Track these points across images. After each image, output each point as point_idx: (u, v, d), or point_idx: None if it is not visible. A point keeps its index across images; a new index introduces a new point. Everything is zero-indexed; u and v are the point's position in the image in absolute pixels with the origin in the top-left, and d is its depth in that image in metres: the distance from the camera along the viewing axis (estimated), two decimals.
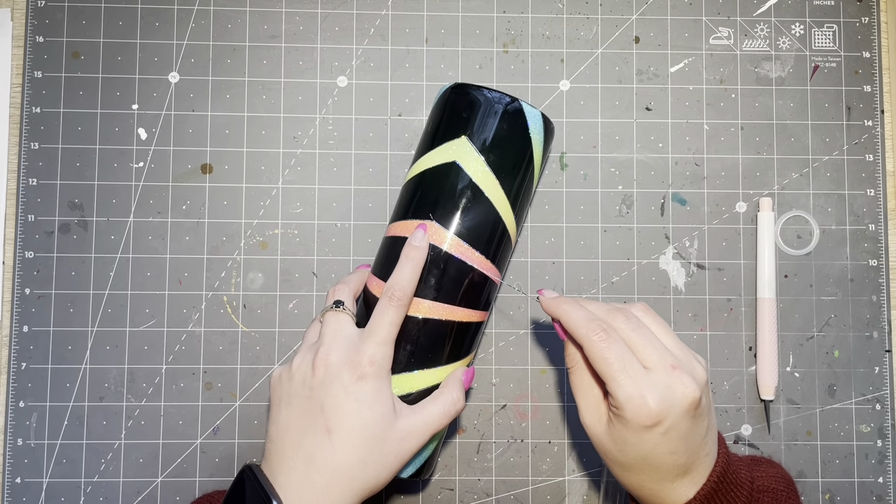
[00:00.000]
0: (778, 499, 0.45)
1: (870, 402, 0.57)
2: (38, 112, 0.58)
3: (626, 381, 0.41)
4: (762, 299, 0.57)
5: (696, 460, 0.43)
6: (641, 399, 0.41)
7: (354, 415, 0.43)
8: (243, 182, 0.58)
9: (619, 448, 0.43)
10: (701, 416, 0.43)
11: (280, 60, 0.59)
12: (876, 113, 0.59)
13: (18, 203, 0.57)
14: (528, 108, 0.50)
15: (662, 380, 0.41)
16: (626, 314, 0.44)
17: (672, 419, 0.41)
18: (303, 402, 0.44)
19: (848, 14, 0.60)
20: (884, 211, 0.59)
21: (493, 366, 0.57)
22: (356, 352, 0.44)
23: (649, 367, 0.42)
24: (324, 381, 0.44)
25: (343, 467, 0.43)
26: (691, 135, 0.59)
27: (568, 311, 0.45)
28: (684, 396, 0.41)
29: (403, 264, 0.47)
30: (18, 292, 0.57)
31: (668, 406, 0.41)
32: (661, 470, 0.42)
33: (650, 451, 0.42)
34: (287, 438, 0.44)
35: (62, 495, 0.55)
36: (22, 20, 0.59)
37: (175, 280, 0.57)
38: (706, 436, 0.43)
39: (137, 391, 0.56)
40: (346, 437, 0.43)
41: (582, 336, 0.43)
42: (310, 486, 0.43)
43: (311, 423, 0.44)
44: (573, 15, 0.60)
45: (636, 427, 0.41)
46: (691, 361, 0.44)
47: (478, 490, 0.57)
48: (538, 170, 0.51)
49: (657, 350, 0.43)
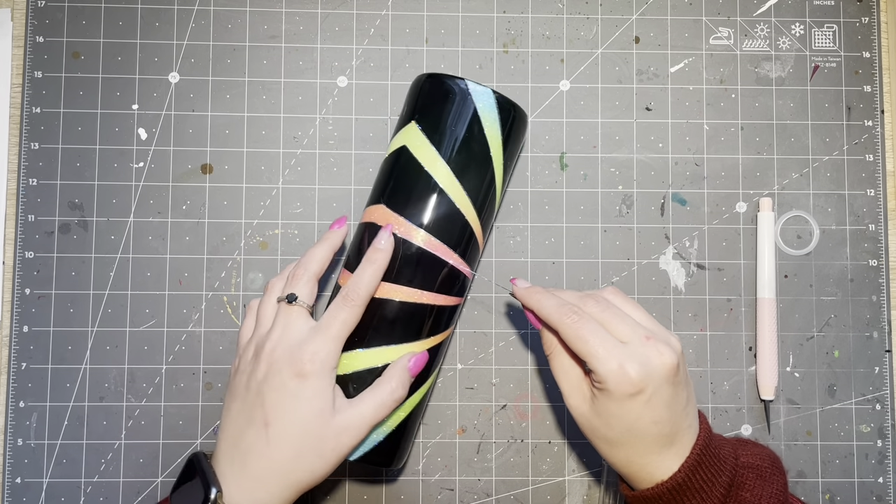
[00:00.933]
0: (762, 475, 0.46)
1: (870, 402, 0.57)
2: (38, 112, 0.58)
3: (605, 354, 0.43)
4: (762, 299, 0.57)
5: (679, 430, 0.44)
6: (622, 369, 0.42)
7: (292, 411, 0.44)
8: (243, 182, 0.58)
9: (605, 422, 0.44)
10: (680, 384, 0.44)
11: (280, 60, 0.59)
12: (876, 113, 0.59)
13: (18, 203, 0.57)
14: (474, 86, 0.50)
15: (639, 350, 0.43)
16: (596, 298, 0.46)
17: (653, 386, 0.43)
18: (248, 395, 0.46)
19: (848, 14, 0.60)
20: (884, 211, 0.59)
21: (493, 366, 0.57)
22: (300, 348, 0.45)
23: (624, 341, 0.44)
24: (267, 375, 0.45)
25: (278, 460, 0.44)
26: (691, 135, 0.59)
27: (540, 300, 0.47)
28: (662, 363, 0.43)
29: (365, 266, 0.48)
30: (18, 292, 0.57)
31: (647, 374, 0.42)
32: (646, 441, 0.44)
33: (635, 421, 0.43)
34: (232, 429, 0.46)
35: (62, 495, 0.56)
36: (22, 20, 0.59)
37: (175, 280, 0.57)
38: (686, 406, 0.45)
39: (137, 391, 0.57)
40: (283, 432, 0.44)
41: (556, 321, 0.45)
42: (247, 477, 0.44)
43: (251, 416, 0.45)
44: (573, 15, 0.60)
45: (620, 397, 0.43)
46: (665, 333, 0.45)
47: (478, 490, 0.57)
48: (497, 150, 0.51)
49: (630, 325, 0.44)
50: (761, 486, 0.45)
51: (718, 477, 0.44)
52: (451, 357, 0.57)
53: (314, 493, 0.56)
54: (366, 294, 0.47)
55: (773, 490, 0.45)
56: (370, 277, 0.47)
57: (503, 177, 0.52)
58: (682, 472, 0.44)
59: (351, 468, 0.56)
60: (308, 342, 0.45)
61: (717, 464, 0.45)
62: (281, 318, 0.47)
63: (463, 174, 0.50)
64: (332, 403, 0.45)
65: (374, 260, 0.48)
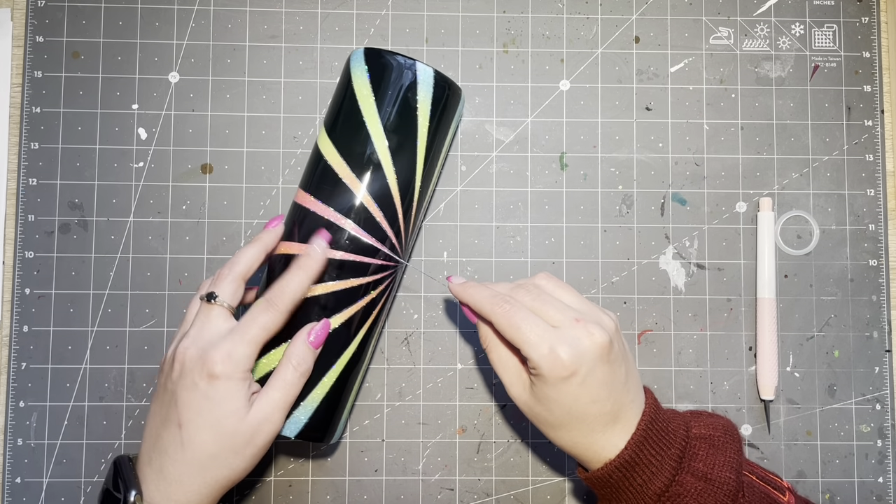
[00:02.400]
0: (715, 445, 0.46)
1: (870, 402, 0.57)
2: (38, 112, 0.58)
3: (536, 339, 0.43)
4: (762, 299, 0.57)
5: (621, 407, 0.45)
6: (553, 353, 0.43)
7: (203, 411, 0.44)
8: (243, 182, 0.58)
9: (546, 408, 0.45)
10: (616, 362, 0.44)
11: (280, 60, 0.59)
12: (876, 113, 0.59)
13: (18, 203, 0.57)
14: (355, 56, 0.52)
15: (569, 333, 0.44)
16: (527, 287, 0.47)
17: (586, 367, 0.43)
18: (164, 394, 0.46)
19: (848, 14, 0.60)
20: (884, 211, 0.59)
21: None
22: (213, 349, 0.45)
23: (555, 326, 0.44)
24: (181, 374, 0.45)
25: (192, 460, 0.44)
26: (691, 135, 0.59)
27: (473, 294, 0.47)
28: (593, 343, 0.43)
29: (294, 272, 0.48)
30: (18, 292, 0.57)
31: (578, 355, 0.43)
32: (587, 421, 0.44)
33: (573, 403, 0.44)
34: (151, 430, 0.46)
35: (62, 495, 0.55)
36: (22, 20, 0.59)
37: (175, 280, 0.57)
38: (626, 382, 0.45)
39: (137, 391, 0.56)
40: (195, 433, 0.44)
41: (488, 311, 0.46)
42: (165, 479, 0.44)
43: (167, 416, 0.45)
44: (573, 15, 0.60)
45: (555, 381, 0.43)
46: (596, 313, 0.46)
47: (478, 490, 0.57)
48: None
49: (559, 309, 0.45)
50: (714, 455, 0.45)
51: (668, 449, 0.44)
52: (450, 357, 0.57)
53: (315, 494, 0.56)
54: (290, 301, 0.47)
55: (727, 458, 0.45)
56: (297, 285, 0.47)
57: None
58: (629, 448, 0.44)
59: (351, 468, 0.56)
60: (222, 343, 0.45)
61: (665, 437, 0.45)
62: (200, 317, 0.47)
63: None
64: (246, 403, 0.45)
65: (305, 267, 0.48)
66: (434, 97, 0.52)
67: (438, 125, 0.52)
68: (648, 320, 0.58)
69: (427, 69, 0.51)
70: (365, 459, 0.57)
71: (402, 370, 0.57)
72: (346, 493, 0.56)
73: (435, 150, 0.52)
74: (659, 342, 0.58)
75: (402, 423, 0.57)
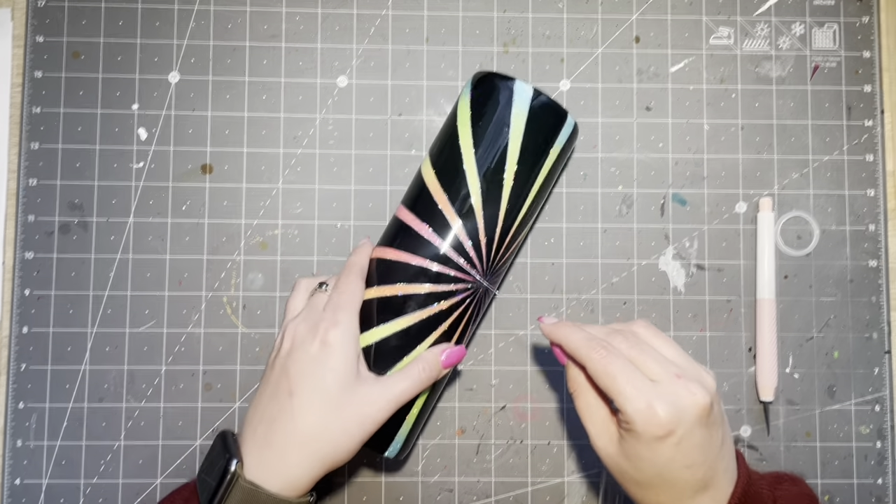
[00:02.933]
0: None
1: (869, 403, 0.57)
2: (38, 112, 0.58)
3: (633, 392, 0.41)
4: (762, 300, 0.57)
5: (714, 475, 0.42)
6: (650, 409, 0.40)
7: (315, 378, 0.45)
8: (243, 182, 0.58)
9: (634, 465, 0.42)
10: (714, 425, 0.42)
11: (280, 60, 0.59)
12: (876, 113, 0.59)
13: (18, 203, 0.57)
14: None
15: (669, 388, 0.41)
16: (625, 333, 0.44)
17: (684, 428, 0.41)
18: (275, 370, 0.46)
19: (848, 14, 0.60)
20: (884, 211, 0.59)
21: (493, 367, 0.57)
22: (322, 321, 0.46)
23: (654, 380, 0.42)
24: (292, 348, 0.46)
25: (301, 429, 0.44)
26: (691, 135, 0.59)
27: (567, 334, 0.45)
28: (694, 403, 0.41)
29: (356, 251, 0.51)
30: (18, 293, 0.57)
31: (677, 414, 0.40)
32: (678, 486, 0.42)
33: (666, 465, 0.41)
34: (259, 404, 0.46)
35: (62, 496, 0.56)
36: (22, 20, 0.59)
37: (175, 281, 0.57)
38: (722, 448, 0.43)
39: (137, 392, 0.57)
40: (307, 399, 0.44)
41: (583, 356, 0.44)
42: (269, 448, 0.44)
43: (277, 388, 0.45)
44: (573, 15, 0.60)
45: (648, 439, 0.41)
46: (697, 370, 0.43)
47: (477, 491, 0.57)
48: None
49: (659, 362, 0.43)
50: None
51: None
52: None
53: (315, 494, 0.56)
54: (360, 268, 0.49)
55: None
56: (360, 257, 0.51)
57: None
58: None
59: (350, 467, 0.56)
60: (326, 315, 0.47)
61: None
62: (309, 303, 0.49)
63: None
64: (357, 373, 0.46)
65: (359, 249, 0.51)
66: (529, 121, 0.50)
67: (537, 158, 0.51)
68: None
69: (525, 88, 0.50)
70: (364, 460, 0.57)
71: None
72: (345, 494, 0.56)
73: (527, 185, 0.51)
74: None
75: None
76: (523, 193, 0.51)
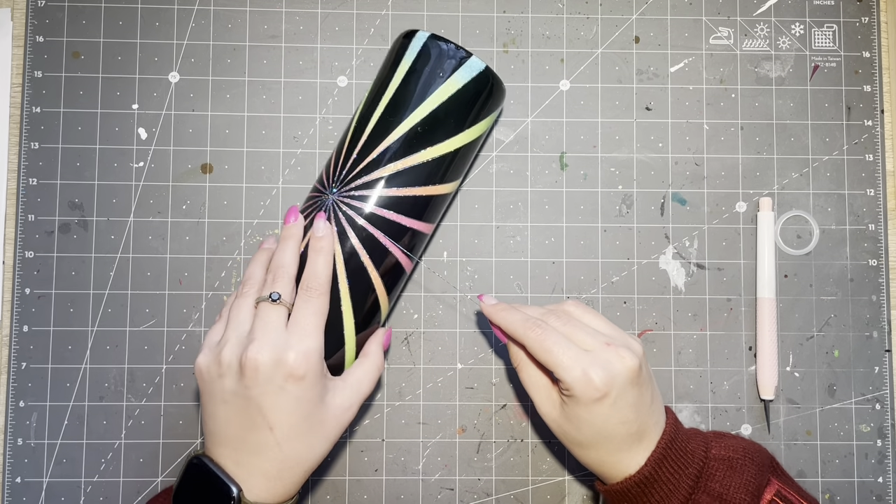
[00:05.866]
0: (733, 466, 0.47)
1: (869, 401, 0.57)
2: (38, 112, 0.58)
3: (569, 362, 0.45)
4: (762, 299, 0.57)
5: (646, 428, 0.47)
6: (586, 376, 0.44)
7: (293, 410, 0.45)
8: (243, 182, 0.58)
9: (575, 427, 0.47)
10: (644, 385, 0.46)
11: (280, 60, 0.59)
12: (876, 113, 0.59)
13: (18, 203, 0.57)
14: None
15: (601, 356, 0.45)
16: (557, 312, 0.49)
17: (617, 389, 0.45)
18: (239, 400, 0.45)
19: (848, 14, 0.60)
20: (884, 211, 0.59)
21: (493, 366, 0.57)
22: (289, 350, 0.44)
23: (587, 349, 0.46)
24: (257, 381, 0.44)
25: (291, 456, 0.45)
26: (691, 135, 0.59)
27: (506, 316, 0.49)
28: (624, 367, 0.45)
29: (315, 257, 0.48)
30: (18, 292, 0.57)
31: (610, 378, 0.45)
32: (615, 441, 0.46)
33: (603, 424, 0.45)
34: (230, 434, 0.45)
35: (62, 495, 0.56)
36: (22, 20, 0.59)
37: (175, 280, 0.57)
38: (652, 404, 0.47)
39: (137, 391, 0.57)
40: (289, 431, 0.45)
41: (521, 335, 0.47)
42: (263, 474, 0.45)
43: (251, 421, 0.45)
44: (573, 15, 0.60)
45: (587, 402, 0.45)
46: (625, 338, 0.48)
47: (478, 490, 0.57)
48: None
49: (590, 334, 0.47)
50: (731, 476, 0.46)
51: (685, 469, 0.46)
52: (451, 357, 0.57)
53: (315, 494, 0.56)
54: (325, 282, 0.48)
55: (744, 480, 0.46)
56: (324, 266, 0.48)
57: None
58: (648, 465, 0.46)
59: (351, 467, 0.56)
60: (293, 343, 0.45)
61: (683, 457, 0.47)
62: (261, 318, 0.46)
63: None
64: (326, 387, 0.46)
65: (321, 248, 0.48)
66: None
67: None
68: (648, 320, 0.58)
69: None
70: (365, 459, 0.57)
71: (402, 370, 0.57)
72: (345, 493, 0.56)
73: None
74: (659, 342, 0.58)
75: (402, 422, 0.57)
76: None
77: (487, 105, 0.52)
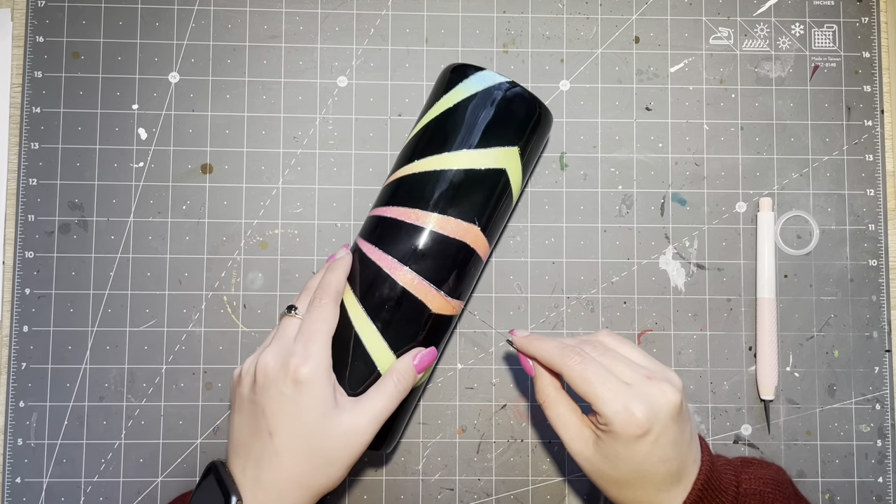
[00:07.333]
0: (764, 500, 0.46)
1: (869, 401, 0.57)
2: (38, 112, 0.58)
3: (610, 395, 0.43)
4: (762, 299, 0.57)
5: (685, 467, 0.44)
6: (627, 411, 0.42)
7: (293, 417, 0.44)
8: (243, 182, 0.58)
9: (612, 465, 0.44)
10: (685, 421, 0.45)
11: (280, 60, 0.59)
12: (876, 113, 0.59)
13: (18, 203, 0.57)
14: None
15: (642, 390, 0.43)
16: (593, 343, 0.47)
17: (660, 426, 0.43)
18: (249, 406, 0.46)
19: (848, 14, 0.60)
20: (884, 211, 0.59)
21: (493, 366, 0.57)
22: (292, 356, 0.45)
23: (627, 383, 0.44)
24: (263, 385, 0.45)
25: (288, 467, 0.44)
26: (691, 135, 0.59)
27: (541, 346, 0.47)
28: (667, 402, 0.43)
29: (330, 271, 0.49)
30: (18, 292, 0.57)
31: (653, 413, 0.43)
32: (655, 480, 0.44)
33: (643, 462, 0.43)
34: (240, 440, 0.46)
35: (62, 495, 0.56)
36: (22, 20, 0.59)
37: (175, 280, 0.57)
38: (691, 441, 0.45)
39: (137, 391, 0.57)
40: (288, 440, 0.44)
41: (559, 363, 0.45)
42: (262, 486, 0.44)
43: (257, 426, 0.45)
44: (573, 15, 0.60)
45: (627, 439, 0.43)
46: (664, 371, 0.46)
47: (478, 490, 0.57)
48: None
49: (629, 366, 0.45)
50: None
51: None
52: (451, 357, 0.57)
53: None
54: (336, 293, 0.48)
55: None
56: (336, 279, 0.49)
57: None
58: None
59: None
60: (297, 350, 0.45)
61: (718, 496, 0.45)
62: (278, 329, 0.48)
63: None
64: (334, 403, 0.45)
65: (336, 267, 0.49)
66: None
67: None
68: (648, 320, 0.58)
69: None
70: (365, 459, 0.57)
71: None
72: (346, 493, 0.56)
73: None
74: (659, 342, 0.58)
75: None
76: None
77: None
